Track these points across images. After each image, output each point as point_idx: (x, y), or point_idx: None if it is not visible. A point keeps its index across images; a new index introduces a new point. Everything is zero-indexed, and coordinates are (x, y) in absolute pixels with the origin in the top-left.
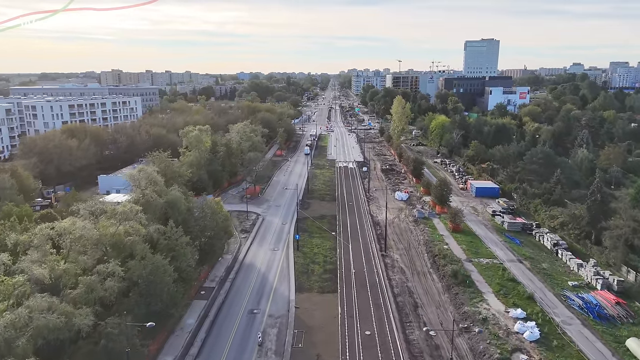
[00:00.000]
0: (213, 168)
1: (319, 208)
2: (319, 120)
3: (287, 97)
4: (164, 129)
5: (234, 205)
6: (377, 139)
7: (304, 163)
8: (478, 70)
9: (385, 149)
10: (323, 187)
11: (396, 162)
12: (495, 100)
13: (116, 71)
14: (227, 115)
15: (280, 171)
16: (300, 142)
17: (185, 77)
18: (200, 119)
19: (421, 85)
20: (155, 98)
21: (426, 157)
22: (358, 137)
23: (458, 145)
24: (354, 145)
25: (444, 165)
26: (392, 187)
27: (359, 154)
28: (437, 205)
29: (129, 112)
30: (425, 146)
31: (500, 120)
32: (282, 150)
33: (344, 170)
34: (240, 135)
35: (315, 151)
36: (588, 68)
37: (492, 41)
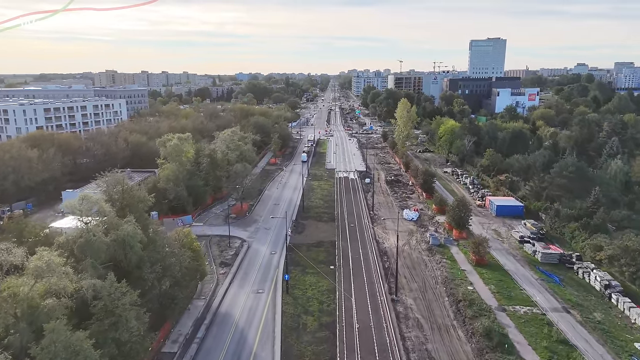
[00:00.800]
0: (194, 183)
1: (315, 231)
2: (317, 123)
3: (285, 98)
4: (144, 136)
5: (216, 227)
6: (379, 145)
7: (300, 173)
8: (484, 70)
9: (389, 156)
10: (321, 203)
11: (402, 172)
12: (502, 102)
13: (110, 72)
14: (218, 119)
15: (274, 183)
16: (297, 148)
17: (183, 77)
18: (188, 123)
19: (424, 87)
20: (145, 100)
21: (434, 165)
22: (359, 142)
23: (470, 153)
24: (355, 152)
25: (455, 176)
26: (398, 203)
27: (361, 162)
28: (455, 229)
29: (112, 116)
30: (432, 153)
31: (515, 124)
32: (277, 158)
33: (344, 181)
34: (227, 143)
35: (313, 158)
36: (590, 68)
37: (499, 40)
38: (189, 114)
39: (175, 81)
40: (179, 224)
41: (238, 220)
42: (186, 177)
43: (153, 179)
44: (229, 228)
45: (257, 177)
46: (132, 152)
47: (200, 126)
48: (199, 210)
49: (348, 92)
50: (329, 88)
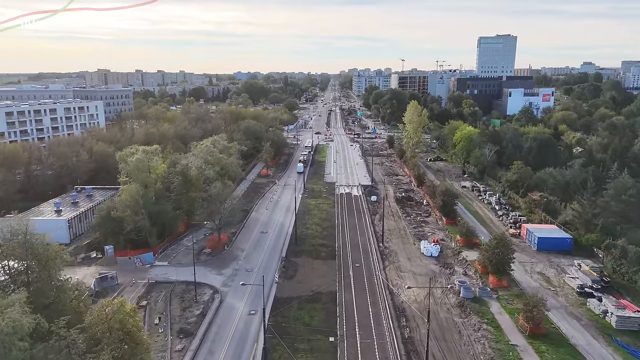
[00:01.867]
0: (161, 208)
1: (310, 275)
2: (317, 126)
3: (283, 99)
4: (113, 145)
5: (184, 269)
6: (384, 151)
7: (295, 188)
8: (493, 69)
9: (397, 165)
10: (318, 230)
11: (413, 187)
12: (515, 103)
13: (103, 71)
14: (206, 124)
15: (263, 201)
16: (294, 156)
17: (179, 77)
18: (169, 129)
19: (430, 86)
20: (129, 102)
21: (449, 177)
22: (362, 148)
23: (491, 164)
24: (358, 161)
25: (476, 193)
26: (413, 230)
27: (365, 173)
28: (493, 276)
29: (87, 120)
30: (445, 162)
31: (535, 129)
32: (269, 168)
33: (346, 199)
34: (206, 156)
35: (311, 169)
36: (597, 67)
37: (509, 37)
38: (175, 118)
39: (171, 80)
40: (136, 263)
41: (213, 257)
42: (151, 200)
43: (107, 205)
44: (200, 271)
45: (245, 193)
46: (97, 165)
47: (182, 132)
48: (166, 243)
49: (349, 91)
50: (329, 87)
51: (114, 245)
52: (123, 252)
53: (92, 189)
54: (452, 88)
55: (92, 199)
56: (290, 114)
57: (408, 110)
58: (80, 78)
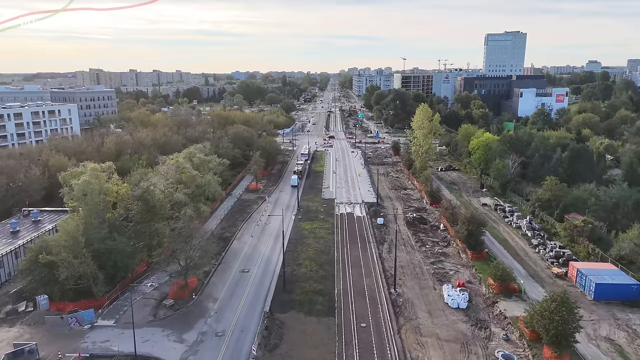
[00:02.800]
0: (112, 245)
1: (299, 345)
2: (315, 129)
3: (280, 99)
4: (74, 158)
5: (137, 331)
6: (389, 159)
7: (287, 206)
8: (501, 68)
9: (404, 176)
10: (313, 268)
11: (426, 205)
12: (526, 105)
13: (95, 70)
14: (190, 130)
15: (249, 225)
16: (288, 165)
17: (175, 76)
18: (146, 137)
19: (434, 86)
20: (112, 104)
21: (465, 192)
22: (364, 155)
23: (515, 177)
24: (360, 171)
25: (500, 213)
26: (431, 266)
27: (369, 186)
28: (549, 349)
29: (59, 125)
30: (457, 171)
31: (555, 134)
32: (259, 182)
33: (347, 221)
34: (176, 174)
35: (307, 181)
36: (603, 66)
37: (518, 34)
38: (158, 121)
39: (167, 80)
40: (71, 324)
41: (176, 311)
42: (101, 235)
43: (38, 244)
44: (154, 336)
45: (228, 215)
46: (53, 182)
47: (162, 140)
48: (119, 291)
49: (349, 91)
50: (328, 87)
51: (49, 295)
52: (61, 305)
53: (39, 212)
54: (458, 88)
55: (39, 225)
56: (287, 117)
57: (417, 114)
58: (76, 78)
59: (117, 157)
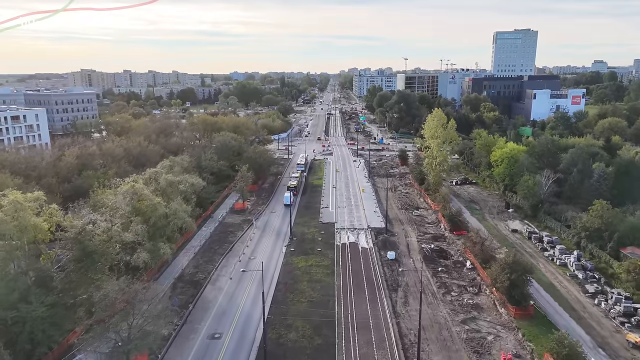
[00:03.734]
0: (25, 313)
1: None
2: (313, 133)
3: (278, 101)
4: (18, 178)
5: None
6: (396, 169)
7: (277, 233)
8: (511, 68)
9: (415, 192)
10: (306, 333)
11: (443, 230)
12: (540, 107)
13: (86, 71)
14: (172, 137)
15: (228, 260)
16: (282, 177)
17: (172, 77)
18: (115, 148)
19: (440, 87)
20: (92, 107)
21: (489, 213)
22: (368, 165)
23: (550, 197)
24: (364, 184)
25: (536, 243)
26: (460, 326)
27: (375, 205)
28: None
29: (24, 132)
30: (475, 185)
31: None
32: (246, 200)
33: (351, 256)
34: (130, 204)
35: (303, 198)
36: (609, 66)
37: (529, 32)
38: (139, 127)
39: (163, 81)
40: None
41: None
42: (11, 298)
43: None
44: None
45: (204, 247)
46: None
47: (136, 151)
48: None
49: (349, 92)
50: (328, 88)
51: None
52: None
53: None
54: (465, 89)
55: None
56: (284, 120)
57: (429, 121)
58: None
59: (80, 172)
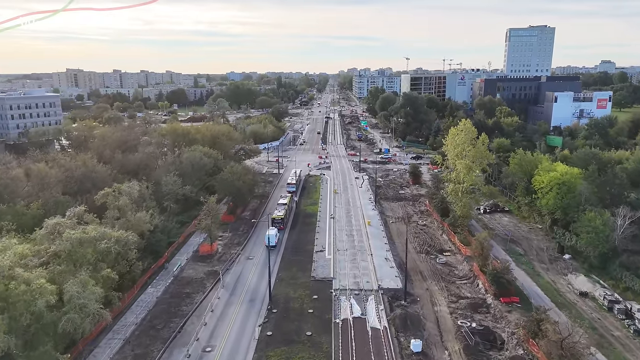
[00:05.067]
0: None
1: None
2: (310, 140)
3: (273, 103)
4: None
5: None
6: (407, 189)
7: (252, 298)
8: (525, 68)
9: (435, 222)
10: None
11: (484, 294)
12: (562, 111)
13: (72, 71)
14: (132, 154)
15: (173, 351)
16: (268, 200)
17: (165, 77)
18: (49, 169)
19: (448, 89)
20: (56, 112)
21: (537, 260)
22: (373, 183)
23: (626, 242)
24: (370, 213)
25: (621, 316)
26: None
27: (385, 248)
28: None
29: None
30: (509, 214)
31: (629, 155)
32: (215, 241)
33: (356, 344)
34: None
35: (292, 235)
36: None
37: (545, 29)
38: (104, 136)
39: (156, 81)
40: None
41: None
42: None
43: None
44: None
45: (144, 323)
46: None
47: (78, 173)
48: None
49: (349, 93)
50: (327, 88)
51: None
52: None
53: None
54: (477, 91)
55: None
56: (277, 126)
57: (453, 135)
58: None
59: None
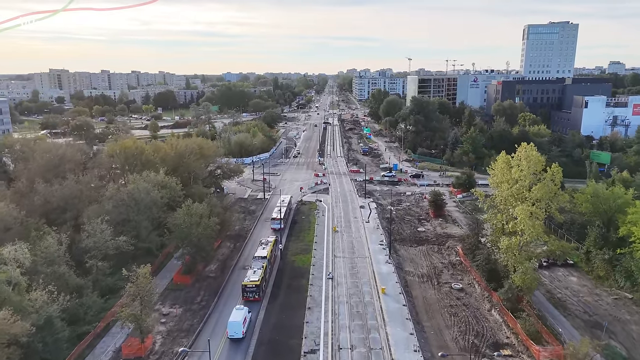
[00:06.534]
0: None
1: None
2: (305, 151)
3: (267, 106)
4: None
5: None
6: (426, 224)
7: None
8: (545, 69)
9: (476, 287)
10: None
11: None
12: (593, 118)
13: (55, 71)
14: (58, 184)
15: None
16: (247, 240)
17: (158, 78)
18: None
19: (459, 92)
20: (3, 120)
21: None
22: (385, 219)
23: None
24: (384, 267)
25: None
26: None
27: (410, 333)
28: None
29: None
30: (575, 270)
31: None
32: (147, 336)
33: None
34: None
35: (271, 312)
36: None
37: (567, 26)
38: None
39: (148, 82)
40: None
41: None
42: None
43: None
44: None
45: None
46: None
47: None
48: None
49: (348, 95)
50: (326, 89)
51: None
52: None
53: None
54: (492, 95)
55: None
56: (267, 136)
57: (505, 166)
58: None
59: None
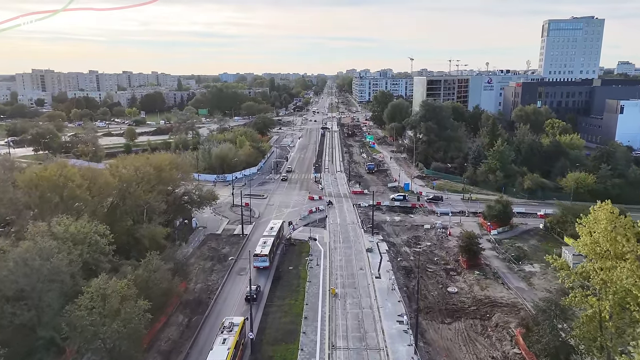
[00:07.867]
0: None
1: None
2: (299, 163)
3: (261, 109)
4: None
5: None
6: (458, 279)
7: None
8: (568, 69)
9: None
10: None
11: None
12: (630, 125)
13: (38, 72)
14: None
15: None
16: (207, 315)
17: (151, 78)
18: None
19: (471, 95)
20: None
21: None
22: (397, 261)
23: None
24: None
25: None
26: None
27: None
28: None
29: None
30: None
31: None
32: None
33: None
34: None
35: None
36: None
37: (592, 21)
38: None
39: (140, 82)
40: None
41: None
42: None
43: None
44: None
45: None
46: None
47: None
48: None
49: (348, 96)
50: (325, 90)
51: None
52: None
53: None
54: (510, 98)
55: None
56: (255, 147)
57: (606, 222)
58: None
59: None
